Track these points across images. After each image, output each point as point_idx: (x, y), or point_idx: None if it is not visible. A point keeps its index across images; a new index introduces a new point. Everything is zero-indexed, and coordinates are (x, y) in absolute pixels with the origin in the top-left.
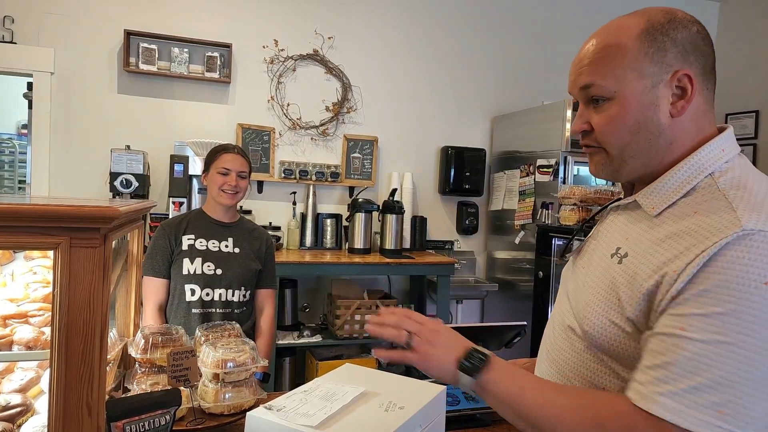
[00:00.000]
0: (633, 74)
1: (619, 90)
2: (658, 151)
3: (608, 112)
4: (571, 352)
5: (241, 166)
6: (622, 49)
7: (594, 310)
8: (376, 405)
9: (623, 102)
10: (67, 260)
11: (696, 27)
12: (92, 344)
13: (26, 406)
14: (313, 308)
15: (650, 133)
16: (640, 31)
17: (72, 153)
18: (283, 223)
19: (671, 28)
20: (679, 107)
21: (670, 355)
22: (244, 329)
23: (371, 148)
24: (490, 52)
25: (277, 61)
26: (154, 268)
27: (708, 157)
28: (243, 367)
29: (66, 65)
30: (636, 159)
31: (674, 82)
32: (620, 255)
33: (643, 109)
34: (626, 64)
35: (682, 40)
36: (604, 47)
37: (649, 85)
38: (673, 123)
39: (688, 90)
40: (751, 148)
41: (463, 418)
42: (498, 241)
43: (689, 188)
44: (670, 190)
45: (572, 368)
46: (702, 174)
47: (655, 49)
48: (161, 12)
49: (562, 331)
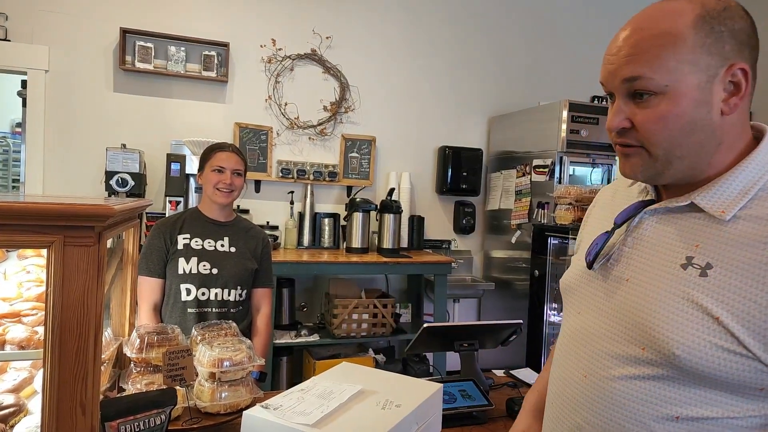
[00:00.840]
0: (689, 67)
1: (672, 84)
2: (708, 152)
3: (657, 108)
4: (637, 382)
5: (235, 164)
6: (677, 38)
7: (689, 333)
8: (373, 403)
9: (677, 98)
10: (60, 259)
11: (750, 19)
12: (86, 344)
13: (19, 407)
14: (311, 307)
15: (703, 133)
16: (696, 17)
17: (67, 152)
18: (280, 222)
19: (728, 16)
20: (732, 104)
21: None
22: (241, 328)
23: (369, 148)
24: (488, 53)
25: (275, 60)
26: (149, 268)
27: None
28: (239, 366)
29: (61, 63)
30: (683, 160)
31: (728, 76)
32: (699, 266)
33: (697, 106)
34: (681, 56)
35: (738, 30)
36: (655, 36)
37: (704, 79)
38: (723, 121)
39: (742, 86)
40: None
41: (460, 416)
42: (495, 240)
43: (758, 189)
44: (737, 191)
45: (639, 400)
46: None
47: (713, 39)
48: (158, 10)
49: (609, 359)
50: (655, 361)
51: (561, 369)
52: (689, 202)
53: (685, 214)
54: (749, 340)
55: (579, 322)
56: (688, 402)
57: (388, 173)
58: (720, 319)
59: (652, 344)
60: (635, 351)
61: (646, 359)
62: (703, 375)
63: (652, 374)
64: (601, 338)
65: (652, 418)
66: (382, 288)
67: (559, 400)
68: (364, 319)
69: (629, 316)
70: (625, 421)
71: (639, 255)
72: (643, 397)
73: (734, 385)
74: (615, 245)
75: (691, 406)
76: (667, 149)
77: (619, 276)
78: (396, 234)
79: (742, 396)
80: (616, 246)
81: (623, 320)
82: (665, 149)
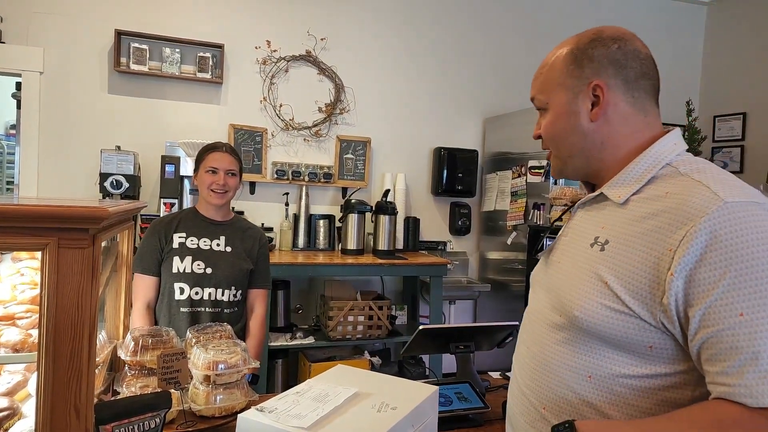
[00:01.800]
0: (560, 88)
1: (550, 102)
2: (592, 150)
3: (546, 120)
4: (558, 346)
5: (229, 164)
6: (553, 69)
7: (586, 297)
8: (369, 406)
9: (554, 111)
10: (54, 261)
11: (617, 44)
12: (80, 346)
13: (13, 410)
14: (306, 309)
15: (576, 136)
16: (568, 51)
17: (61, 154)
18: (275, 224)
19: (591, 47)
20: (595, 113)
21: (748, 344)
22: (236, 330)
23: (364, 149)
24: (483, 54)
25: (270, 61)
26: (143, 266)
27: (663, 150)
28: (234, 369)
29: (55, 65)
30: (574, 158)
31: (590, 92)
32: (600, 243)
33: (567, 117)
34: (555, 81)
35: (598, 56)
36: (543, 68)
37: (571, 96)
38: (597, 126)
39: (601, 98)
40: (739, 150)
41: (456, 418)
42: (490, 241)
43: (650, 177)
44: (632, 180)
45: (561, 363)
46: (660, 164)
47: (576, 66)
48: (153, 12)
49: (544, 329)
50: (567, 325)
51: (518, 345)
52: (600, 193)
53: (600, 203)
54: (630, 299)
55: (531, 305)
56: (597, 362)
57: (384, 174)
58: (608, 283)
59: (564, 309)
60: (556, 318)
61: (562, 324)
62: (600, 334)
63: (568, 338)
64: (539, 312)
65: (572, 379)
66: (378, 290)
67: (515, 375)
68: (360, 321)
69: (553, 290)
70: (555, 384)
71: (568, 241)
72: (565, 361)
73: (627, 344)
74: (558, 237)
75: (600, 367)
76: (558, 150)
77: (554, 260)
78: (391, 235)
79: (637, 355)
80: (558, 237)
81: (551, 294)
82: (557, 150)
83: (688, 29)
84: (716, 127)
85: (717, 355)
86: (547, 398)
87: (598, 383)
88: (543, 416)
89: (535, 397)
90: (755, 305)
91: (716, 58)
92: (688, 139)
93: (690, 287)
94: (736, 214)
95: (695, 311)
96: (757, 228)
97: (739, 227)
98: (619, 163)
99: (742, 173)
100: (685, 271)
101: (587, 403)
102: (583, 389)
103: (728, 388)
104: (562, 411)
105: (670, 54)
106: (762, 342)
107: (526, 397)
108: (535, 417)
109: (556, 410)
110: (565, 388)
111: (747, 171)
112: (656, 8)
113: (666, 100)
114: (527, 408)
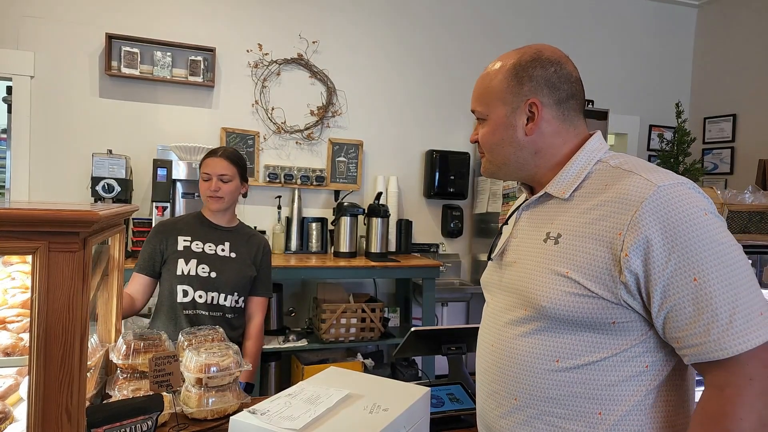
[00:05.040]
0: (499, 103)
1: (489, 114)
2: (526, 159)
3: (484, 129)
4: (523, 339)
5: (222, 169)
6: (493, 84)
7: (550, 288)
8: (361, 407)
9: (492, 123)
10: (45, 265)
11: (554, 68)
12: (72, 350)
13: (5, 414)
14: (299, 312)
15: (511, 147)
16: (509, 67)
17: (53, 158)
18: (268, 227)
19: (531, 66)
20: (529, 128)
21: (706, 304)
22: (236, 336)
23: (356, 152)
24: (475, 57)
25: (262, 65)
26: (139, 264)
27: (593, 149)
28: (226, 372)
29: (46, 69)
30: (507, 164)
31: (526, 108)
32: (553, 237)
33: (504, 129)
34: (494, 96)
35: (537, 76)
36: (483, 80)
37: (509, 110)
38: (533, 138)
39: (535, 115)
40: (729, 151)
41: (448, 419)
42: (482, 243)
43: (586, 173)
44: (572, 177)
45: (528, 353)
46: (592, 161)
47: (515, 83)
48: (144, 15)
49: (506, 327)
50: (534, 317)
51: (479, 349)
52: (544, 193)
53: (545, 203)
54: (591, 284)
55: (488, 307)
56: (564, 346)
57: (376, 177)
58: (568, 273)
59: (530, 303)
60: (521, 313)
61: (528, 317)
62: (566, 319)
63: (534, 328)
64: (500, 311)
65: (541, 368)
66: (371, 292)
67: (480, 378)
68: (353, 323)
69: (515, 288)
70: (523, 375)
71: (519, 241)
72: (533, 351)
73: (592, 323)
74: (507, 240)
75: (567, 349)
76: (493, 156)
77: (509, 261)
78: (384, 238)
79: (601, 332)
80: (507, 240)
81: (512, 292)
82: (491, 156)
83: (679, 31)
84: (706, 129)
85: (681, 321)
86: (516, 389)
87: (565, 364)
88: (516, 406)
89: (505, 390)
90: (704, 269)
91: (706, 59)
92: (677, 140)
93: (647, 268)
94: (670, 195)
95: (655, 287)
96: (689, 203)
97: (674, 206)
98: (556, 166)
99: (732, 174)
100: (640, 252)
101: (556, 384)
102: (552, 373)
103: (697, 348)
104: (533, 397)
105: (661, 56)
106: (717, 300)
107: (496, 394)
108: (508, 409)
109: (526, 398)
110: (534, 376)
111: (737, 172)
112: (647, 10)
113: (656, 102)
114: (498, 403)
